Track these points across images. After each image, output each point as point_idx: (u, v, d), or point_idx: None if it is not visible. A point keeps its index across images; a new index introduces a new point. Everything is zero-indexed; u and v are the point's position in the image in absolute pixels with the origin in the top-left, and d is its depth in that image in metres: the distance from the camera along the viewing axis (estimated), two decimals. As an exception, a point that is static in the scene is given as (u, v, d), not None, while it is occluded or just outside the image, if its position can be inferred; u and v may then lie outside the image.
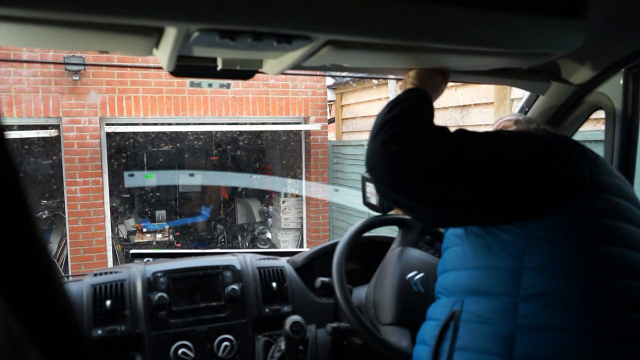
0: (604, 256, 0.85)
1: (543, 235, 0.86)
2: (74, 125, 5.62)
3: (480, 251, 0.92)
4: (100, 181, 5.75)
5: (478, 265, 0.92)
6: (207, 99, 6.11)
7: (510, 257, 0.88)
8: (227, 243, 7.69)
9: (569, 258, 0.85)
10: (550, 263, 0.85)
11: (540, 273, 0.85)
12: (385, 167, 0.89)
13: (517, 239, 0.87)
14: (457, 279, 0.96)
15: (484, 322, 0.87)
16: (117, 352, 1.39)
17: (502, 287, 0.87)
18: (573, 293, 0.83)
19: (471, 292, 0.91)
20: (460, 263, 0.96)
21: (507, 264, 0.87)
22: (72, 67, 5.41)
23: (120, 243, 6.75)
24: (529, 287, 0.85)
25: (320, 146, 6.83)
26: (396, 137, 0.90)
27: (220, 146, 8.12)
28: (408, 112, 0.96)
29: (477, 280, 0.91)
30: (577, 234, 0.86)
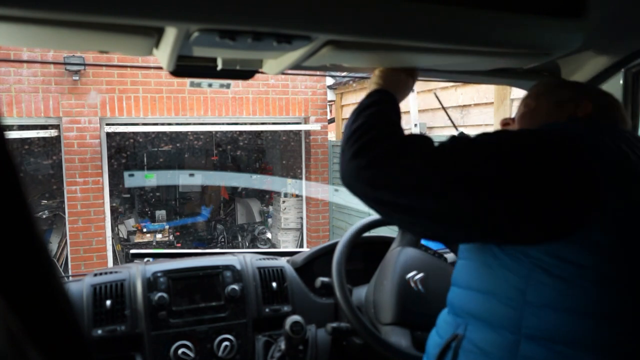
0: (626, 296, 0.73)
1: (547, 265, 0.74)
2: (74, 125, 5.62)
3: (484, 272, 0.83)
4: (100, 181, 5.75)
5: (480, 288, 0.83)
6: (207, 99, 6.11)
7: (511, 287, 0.77)
8: (227, 243, 7.68)
9: (579, 297, 0.72)
10: (555, 301, 0.73)
11: (543, 311, 0.74)
12: (358, 183, 0.83)
13: (520, 266, 0.76)
14: (462, 299, 0.88)
15: (484, 355, 0.80)
16: (117, 352, 1.39)
17: (503, 319, 0.78)
18: (584, 339, 0.72)
19: (474, 317, 0.84)
20: (465, 280, 0.88)
21: (509, 294, 0.78)
22: (72, 67, 5.41)
23: (120, 243, 6.75)
24: (531, 327, 0.75)
25: (320, 146, 6.82)
26: (363, 151, 0.83)
27: (220, 146, 8.12)
28: (373, 120, 0.89)
29: (479, 306, 0.83)
30: (586, 268, 0.72)
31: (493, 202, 0.74)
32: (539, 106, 0.97)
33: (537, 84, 1.02)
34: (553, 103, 0.95)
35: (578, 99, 0.93)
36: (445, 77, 1.51)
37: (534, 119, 0.96)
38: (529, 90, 1.02)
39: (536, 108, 0.97)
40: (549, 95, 0.97)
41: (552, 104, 0.95)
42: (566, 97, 0.94)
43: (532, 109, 0.98)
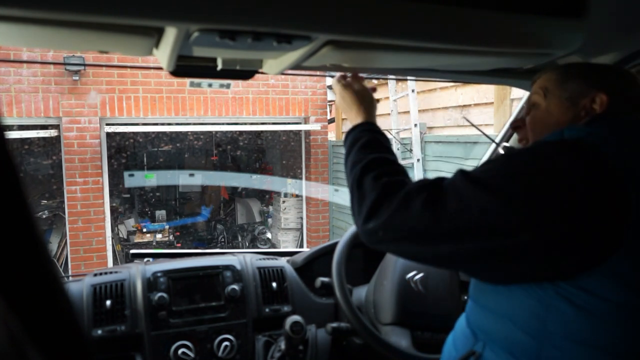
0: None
1: (570, 295, 0.67)
2: (74, 125, 5.62)
3: (501, 291, 0.76)
4: (100, 181, 5.75)
5: (497, 310, 0.77)
6: (207, 99, 6.11)
7: (530, 313, 0.71)
8: (227, 243, 7.69)
9: (607, 332, 0.66)
10: (579, 334, 0.67)
11: (566, 344, 0.68)
12: (382, 245, 0.82)
13: (540, 290, 0.70)
14: (480, 317, 0.82)
15: None
16: (117, 352, 1.39)
17: (522, 348, 0.72)
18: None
19: (492, 339, 0.78)
20: (481, 297, 0.82)
21: (528, 321, 0.71)
22: (72, 67, 5.41)
23: (120, 243, 6.75)
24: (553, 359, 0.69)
25: (320, 146, 6.82)
26: (373, 217, 0.80)
27: (220, 146, 8.12)
28: (370, 172, 0.87)
29: (497, 329, 0.77)
30: (615, 302, 0.65)
31: (524, 249, 0.68)
32: (550, 105, 0.89)
33: (542, 79, 0.94)
34: (565, 100, 0.87)
35: (590, 91, 0.85)
36: (445, 77, 1.50)
37: (547, 121, 0.89)
38: (534, 85, 0.96)
39: (547, 108, 0.89)
40: (558, 91, 0.89)
41: (563, 101, 0.87)
42: (577, 91, 0.86)
43: (544, 110, 0.90)
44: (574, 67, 0.91)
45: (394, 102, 5.61)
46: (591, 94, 0.84)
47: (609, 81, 0.86)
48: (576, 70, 0.90)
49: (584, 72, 0.89)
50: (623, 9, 0.93)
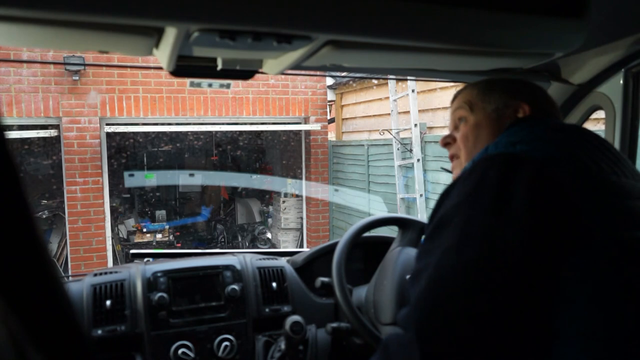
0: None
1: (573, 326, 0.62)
2: (74, 125, 5.62)
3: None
4: (100, 181, 5.75)
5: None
6: (207, 99, 6.11)
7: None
8: (227, 243, 7.69)
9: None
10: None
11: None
12: None
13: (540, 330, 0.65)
14: None
15: None
16: (117, 352, 1.39)
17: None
18: None
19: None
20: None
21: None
22: (72, 67, 5.41)
23: (120, 243, 6.75)
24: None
25: (320, 146, 6.82)
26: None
27: (220, 146, 8.12)
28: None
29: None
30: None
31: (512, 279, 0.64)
32: (478, 119, 0.90)
33: (464, 94, 0.95)
34: (491, 112, 0.90)
35: (513, 102, 0.89)
36: (445, 77, 1.51)
37: (479, 136, 0.89)
38: (456, 101, 0.96)
39: (476, 123, 0.91)
40: (483, 104, 0.91)
41: (490, 113, 0.90)
42: (501, 103, 0.90)
43: (473, 125, 0.91)
44: (494, 82, 0.95)
45: (394, 102, 5.61)
46: (514, 104, 0.89)
47: (528, 93, 0.91)
48: (496, 84, 0.94)
49: (504, 85, 0.93)
50: (623, 9, 0.93)
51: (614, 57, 1.13)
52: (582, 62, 1.18)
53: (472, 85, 0.95)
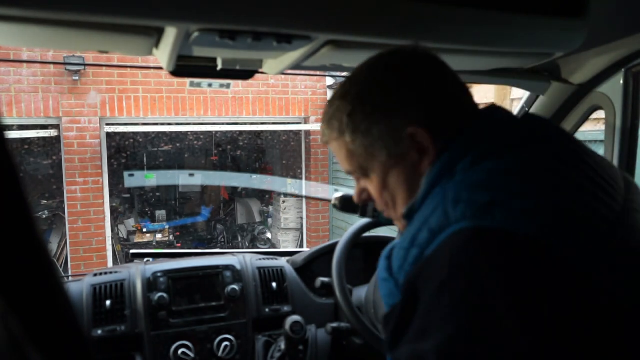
0: None
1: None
2: (74, 125, 5.62)
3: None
4: (100, 181, 5.75)
5: None
6: (207, 99, 6.11)
7: None
8: (227, 243, 7.69)
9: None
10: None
11: None
12: None
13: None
14: None
15: None
16: (117, 352, 1.39)
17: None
18: None
19: None
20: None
21: None
22: (72, 67, 5.41)
23: (120, 243, 6.75)
24: None
25: (320, 146, 6.82)
26: None
27: (220, 146, 8.12)
28: None
29: None
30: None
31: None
32: (380, 178, 0.69)
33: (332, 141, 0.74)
34: (386, 160, 0.67)
35: (398, 132, 0.65)
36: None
37: (398, 193, 0.69)
38: (336, 154, 0.76)
39: (381, 183, 0.70)
40: (370, 152, 0.68)
41: (387, 162, 0.67)
42: (388, 141, 0.66)
43: (379, 187, 0.70)
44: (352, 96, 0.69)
45: (394, 102, 5.60)
46: (403, 135, 0.66)
47: (412, 97, 0.66)
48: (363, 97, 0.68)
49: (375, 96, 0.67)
50: (623, 9, 0.93)
51: (614, 57, 1.13)
52: (582, 62, 1.18)
53: (334, 127, 0.71)
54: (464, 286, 0.53)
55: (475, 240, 0.55)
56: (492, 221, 0.55)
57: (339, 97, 0.71)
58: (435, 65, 0.69)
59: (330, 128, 0.73)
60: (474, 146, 0.63)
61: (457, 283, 0.54)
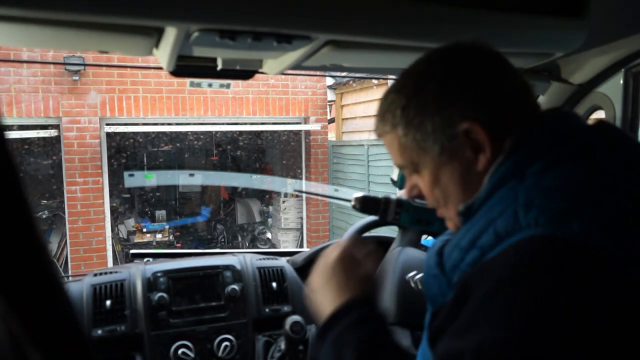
0: None
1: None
2: (74, 125, 5.62)
3: None
4: (100, 181, 5.75)
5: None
6: (207, 99, 6.11)
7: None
8: (227, 243, 7.69)
9: None
10: None
11: None
12: None
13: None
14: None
15: None
16: (117, 352, 1.39)
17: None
18: None
19: None
20: None
21: None
22: (72, 67, 5.42)
23: (120, 243, 6.75)
24: None
25: (320, 146, 6.83)
26: None
27: (220, 146, 8.12)
28: None
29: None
30: None
31: None
32: (431, 174, 0.68)
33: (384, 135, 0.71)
34: (438, 155, 0.65)
35: (453, 128, 0.63)
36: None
37: (451, 192, 0.67)
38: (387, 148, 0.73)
39: (433, 179, 0.68)
40: (423, 147, 0.66)
41: (438, 158, 0.66)
42: (442, 135, 0.64)
43: (430, 183, 0.68)
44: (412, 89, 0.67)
45: (394, 102, 5.60)
46: (458, 131, 0.63)
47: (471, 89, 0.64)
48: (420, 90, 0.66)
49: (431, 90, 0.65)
50: (623, 9, 0.93)
51: (614, 57, 1.13)
52: (582, 62, 1.18)
53: (388, 120, 0.69)
54: (525, 293, 0.51)
55: (548, 250, 0.52)
56: (568, 231, 0.52)
57: (393, 90, 0.69)
58: (494, 61, 0.67)
59: (384, 121, 0.70)
60: (546, 151, 0.61)
61: (517, 289, 0.51)
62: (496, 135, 0.63)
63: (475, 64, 0.66)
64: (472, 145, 0.64)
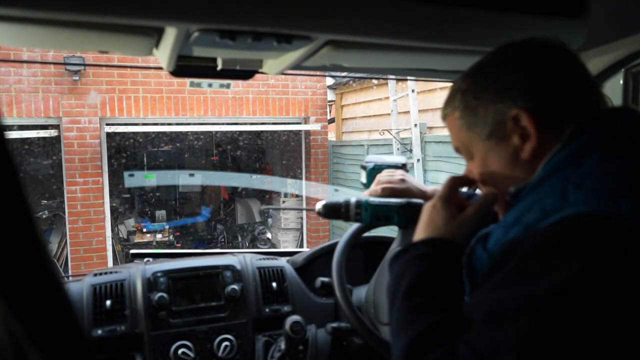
0: None
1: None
2: (74, 125, 5.62)
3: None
4: (100, 181, 5.75)
5: None
6: (207, 99, 6.11)
7: None
8: (227, 243, 7.69)
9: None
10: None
11: None
12: None
13: None
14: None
15: None
16: (117, 352, 1.39)
17: None
18: None
19: None
20: None
21: None
22: (72, 67, 5.42)
23: (120, 243, 6.75)
24: None
25: (320, 146, 6.82)
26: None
27: (220, 146, 8.12)
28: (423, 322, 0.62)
29: None
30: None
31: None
32: (482, 157, 0.71)
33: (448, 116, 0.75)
34: (485, 138, 0.69)
35: (503, 114, 0.66)
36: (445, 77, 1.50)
37: (500, 177, 0.70)
38: (449, 130, 0.77)
39: (483, 161, 0.71)
40: (475, 129, 0.70)
41: (486, 141, 0.69)
42: (492, 119, 0.67)
43: (482, 165, 0.71)
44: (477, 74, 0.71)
45: (394, 102, 5.61)
46: (507, 117, 0.67)
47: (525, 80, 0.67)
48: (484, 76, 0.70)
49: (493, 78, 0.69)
50: (623, 9, 0.93)
51: (614, 57, 1.13)
52: (582, 62, 1.18)
53: (451, 104, 0.74)
54: (567, 266, 0.51)
55: (594, 227, 0.53)
56: (617, 210, 0.53)
57: (462, 77, 0.74)
58: (559, 56, 0.69)
59: (446, 105, 0.76)
60: (605, 143, 0.62)
61: (561, 260, 0.52)
62: (547, 125, 0.65)
63: (538, 59, 0.69)
64: (521, 132, 0.66)
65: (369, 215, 1.19)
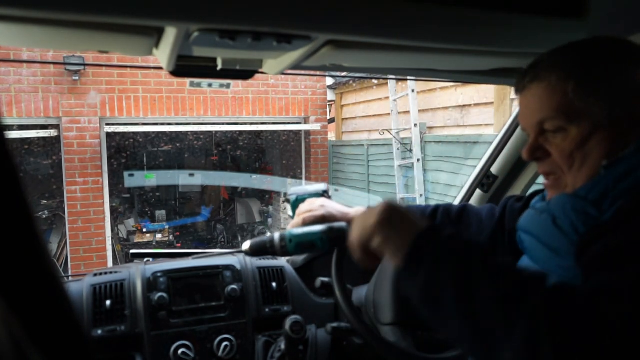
0: None
1: None
2: (74, 125, 5.62)
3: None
4: (100, 181, 5.75)
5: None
6: (207, 99, 6.11)
7: None
8: (227, 243, 7.69)
9: None
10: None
11: None
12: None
13: None
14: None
15: None
16: (117, 352, 1.39)
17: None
18: None
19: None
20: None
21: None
22: (72, 67, 5.42)
23: (120, 243, 6.75)
24: None
25: (320, 146, 6.83)
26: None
27: (220, 146, 8.12)
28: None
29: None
30: None
31: None
32: (584, 132, 0.69)
33: (544, 84, 0.71)
34: (602, 119, 0.68)
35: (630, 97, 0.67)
36: (445, 77, 1.51)
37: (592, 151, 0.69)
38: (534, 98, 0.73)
39: (582, 137, 0.69)
40: (587, 107, 0.68)
41: (601, 121, 0.68)
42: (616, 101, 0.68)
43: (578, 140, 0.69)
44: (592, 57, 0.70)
45: (394, 102, 5.61)
46: (630, 99, 0.69)
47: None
48: (598, 62, 0.69)
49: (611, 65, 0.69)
50: (623, 9, 0.93)
51: (614, 57, 1.13)
52: (582, 62, 1.18)
53: (558, 68, 0.70)
54: None
55: None
56: None
57: (578, 43, 0.74)
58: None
59: (548, 68, 0.72)
60: None
61: None
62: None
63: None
64: (633, 117, 0.68)
65: (293, 246, 1.18)
